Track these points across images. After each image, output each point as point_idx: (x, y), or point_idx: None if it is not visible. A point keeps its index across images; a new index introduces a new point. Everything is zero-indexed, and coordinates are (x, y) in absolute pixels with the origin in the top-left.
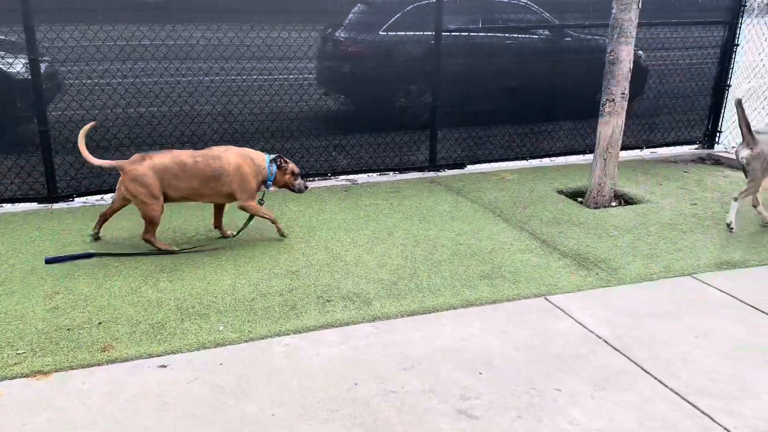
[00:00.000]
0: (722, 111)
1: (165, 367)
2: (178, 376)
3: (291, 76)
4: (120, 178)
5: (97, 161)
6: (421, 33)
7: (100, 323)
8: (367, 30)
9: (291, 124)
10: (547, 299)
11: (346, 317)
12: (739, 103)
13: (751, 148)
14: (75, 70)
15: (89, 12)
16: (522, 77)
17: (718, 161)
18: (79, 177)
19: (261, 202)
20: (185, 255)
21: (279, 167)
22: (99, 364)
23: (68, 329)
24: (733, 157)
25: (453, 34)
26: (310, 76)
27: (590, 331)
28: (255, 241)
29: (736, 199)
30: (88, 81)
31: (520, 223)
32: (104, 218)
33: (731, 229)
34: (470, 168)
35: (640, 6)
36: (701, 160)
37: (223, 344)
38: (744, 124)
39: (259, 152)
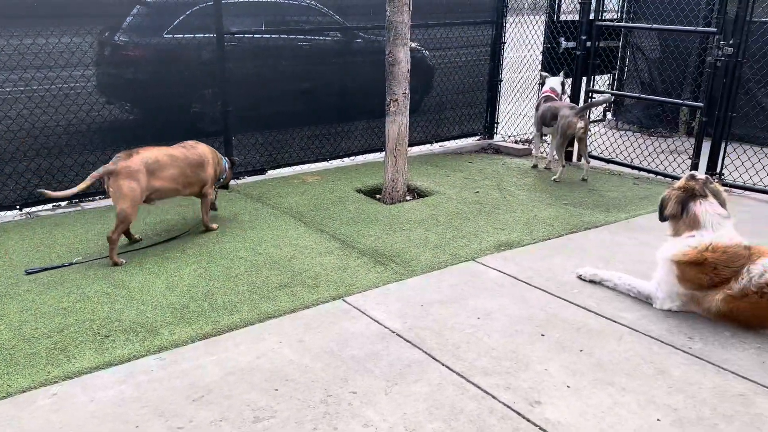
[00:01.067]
0: (497, 104)
1: None
2: None
3: (54, 86)
4: (108, 182)
5: (83, 184)
6: (209, 36)
7: None
8: (150, 33)
9: (59, 139)
10: (344, 300)
11: (127, 352)
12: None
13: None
14: None
15: None
16: (316, 79)
17: (497, 150)
18: None
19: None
20: None
21: (232, 163)
22: None
23: None
24: (510, 145)
25: (237, 36)
26: (79, 84)
27: (384, 326)
28: (19, 277)
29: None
30: None
31: (320, 226)
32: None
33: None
34: (271, 173)
35: (411, 8)
36: (483, 150)
37: None
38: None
39: None
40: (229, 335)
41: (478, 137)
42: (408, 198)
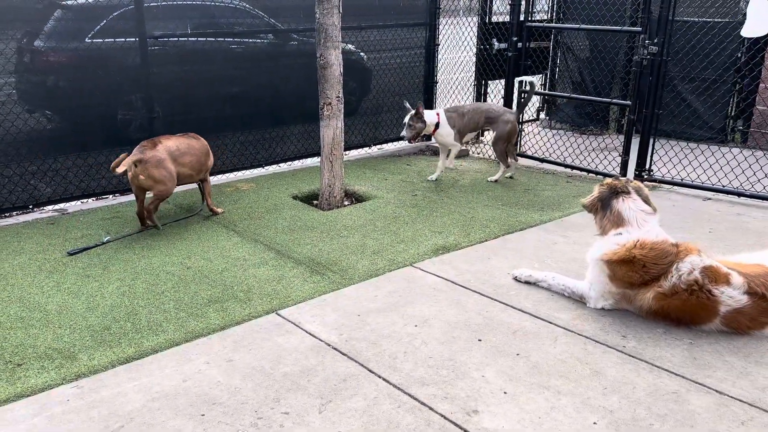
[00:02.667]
0: (434, 105)
1: None
2: None
3: None
4: (133, 172)
5: (122, 167)
6: (127, 40)
7: None
8: (72, 38)
9: None
10: (278, 314)
11: (41, 382)
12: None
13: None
14: None
15: None
16: (249, 82)
17: (435, 152)
18: None
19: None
20: None
21: None
22: None
23: None
24: None
25: (161, 40)
26: (1, 92)
27: (320, 340)
28: None
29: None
30: None
31: (254, 236)
32: (143, 215)
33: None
34: None
35: (341, 10)
36: (422, 152)
37: None
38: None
39: None
40: (153, 357)
41: None
42: (346, 203)
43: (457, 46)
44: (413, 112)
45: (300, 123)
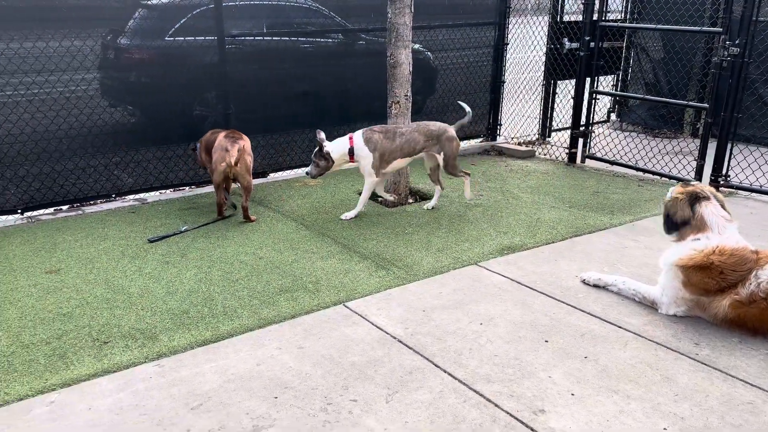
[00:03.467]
0: (500, 105)
1: None
2: None
3: (55, 90)
4: (227, 161)
5: (235, 155)
6: (205, 38)
7: None
8: (153, 36)
9: (61, 143)
10: (345, 306)
11: (126, 359)
12: None
13: None
14: None
15: None
16: (318, 81)
17: (501, 152)
18: None
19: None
20: None
21: None
22: None
23: None
24: (514, 147)
25: (238, 39)
26: (80, 88)
27: (386, 332)
28: (18, 283)
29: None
30: None
31: (322, 230)
32: (222, 205)
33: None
34: (273, 176)
35: (413, 10)
36: (486, 152)
37: None
38: None
39: None
40: (228, 341)
41: (481, 139)
42: (410, 201)
43: (525, 45)
44: (317, 147)
45: (366, 121)
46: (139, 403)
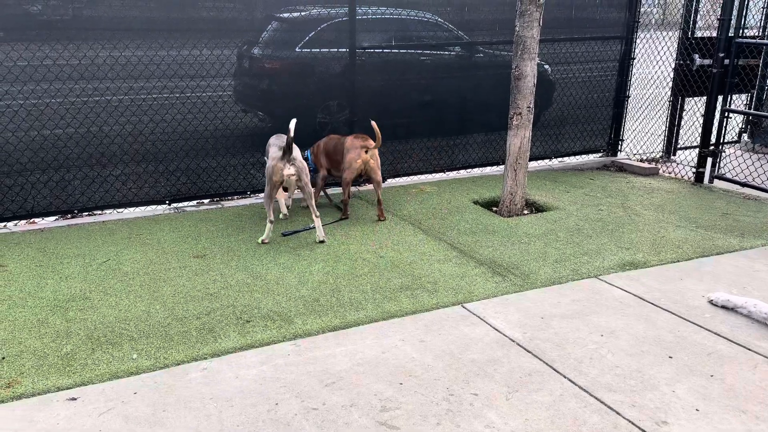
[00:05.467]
0: (623, 120)
1: (75, 399)
2: (89, 409)
3: (204, 94)
4: (363, 158)
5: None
6: (337, 50)
7: (3, 358)
8: (284, 47)
9: (206, 143)
10: (464, 307)
11: (266, 337)
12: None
13: (293, 164)
14: None
15: None
16: (437, 92)
17: (621, 168)
18: None
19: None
20: (95, 282)
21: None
22: (3, 402)
23: None
24: (636, 163)
25: (367, 51)
26: (225, 93)
27: (504, 334)
28: (170, 264)
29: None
30: None
31: (438, 234)
32: (346, 205)
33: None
34: (390, 182)
35: (541, 23)
36: (606, 167)
37: (137, 373)
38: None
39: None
40: (355, 329)
41: (600, 154)
42: (525, 212)
43: (650, 60)
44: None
45: (482, 132)
46: (280, 376)
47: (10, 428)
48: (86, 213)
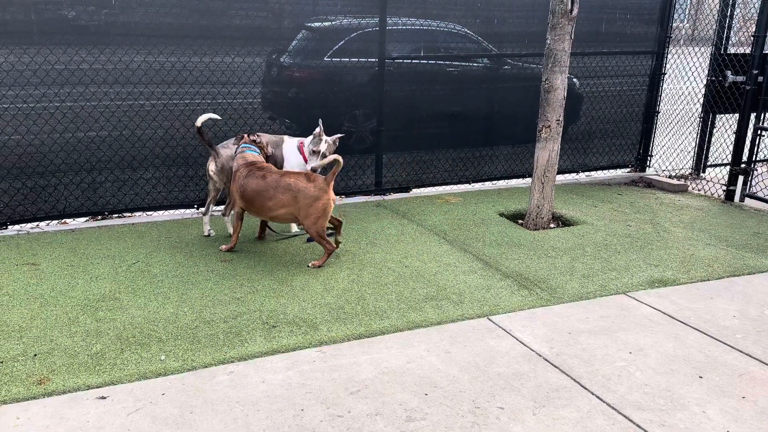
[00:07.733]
0: (652, 136)
1: (105, 398)
2: (118, 408)
3: (235, 101)
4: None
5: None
6: (365, 60)
7: (35, 355)
8: (312, 56)
9: None
10: (489, 319)
11: (292, 342)
12: (198, 129)
13: (216, 161)
14: (10, 95)
15: (25, 35)
16: (464, 103)
17: (649, 184)
18: (13, 204)
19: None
20: (125, 283)
21: None
22: (35, 398)
23: (1, 362)
24: (665, 179)
25: (396, 61)
26: (255, 100)
27: (531, 349)
28: (198, 268)
29: (224, 214)
30: (24, 105)
31: (463, 245)
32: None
33: (209, 234)
34: (415, 192)
35: (572, 37)
36: (634, 182)
37: (165, 374)
38: (206, 143)
39: None
40: (380, 338)
41: (628, 169)
42: (552, 225)
43: (679, 75)
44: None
45: (508, 145)
46: (305, 382)
47: (41, 424)
48: (116, 215)
